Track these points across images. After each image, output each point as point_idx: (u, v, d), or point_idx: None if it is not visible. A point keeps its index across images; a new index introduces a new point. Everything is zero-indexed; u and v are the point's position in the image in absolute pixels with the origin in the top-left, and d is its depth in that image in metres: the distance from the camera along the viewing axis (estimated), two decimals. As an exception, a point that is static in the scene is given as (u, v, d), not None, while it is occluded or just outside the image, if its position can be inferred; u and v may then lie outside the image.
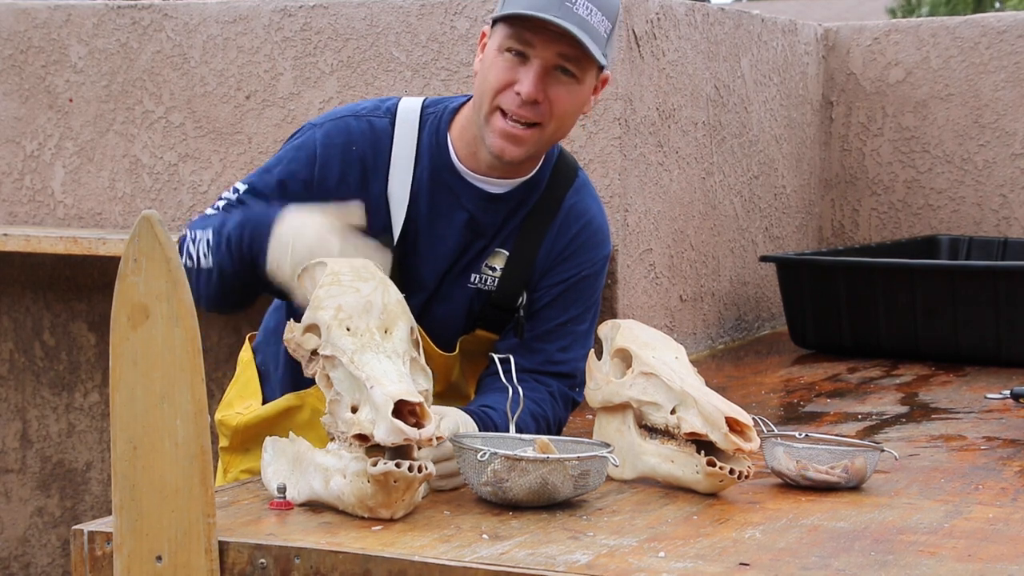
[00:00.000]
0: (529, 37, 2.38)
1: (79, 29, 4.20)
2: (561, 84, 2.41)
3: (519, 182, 2.55)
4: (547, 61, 2.39)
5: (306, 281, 2.25)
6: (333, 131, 2.53)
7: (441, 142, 2.54)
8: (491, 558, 1.90)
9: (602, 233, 2.64)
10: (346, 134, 2.53)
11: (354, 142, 2.52)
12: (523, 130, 2.43)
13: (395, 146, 2.53)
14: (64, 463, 4.36)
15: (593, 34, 2.38)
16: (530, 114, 2.42)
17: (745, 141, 4.25)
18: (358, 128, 2.53)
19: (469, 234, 2.55)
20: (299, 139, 2.56)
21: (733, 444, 2.22)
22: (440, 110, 2.56)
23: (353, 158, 2.52)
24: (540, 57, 2.39)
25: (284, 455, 2.18)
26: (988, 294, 3.69)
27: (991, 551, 1.98)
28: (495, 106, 2.43)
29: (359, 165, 2.52)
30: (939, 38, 4.68)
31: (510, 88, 2.41)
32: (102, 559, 2.02)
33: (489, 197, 2.54)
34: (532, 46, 2.39)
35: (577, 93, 2.44)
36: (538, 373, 2.55)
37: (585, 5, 2.38)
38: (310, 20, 3.90)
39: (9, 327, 4.37)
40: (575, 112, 2.47)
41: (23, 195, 4.30)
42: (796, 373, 3.67)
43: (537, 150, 2.49)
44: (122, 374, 1.99)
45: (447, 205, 2.53)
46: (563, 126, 2.48)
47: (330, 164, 2.51)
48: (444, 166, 2.53)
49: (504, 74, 2.41)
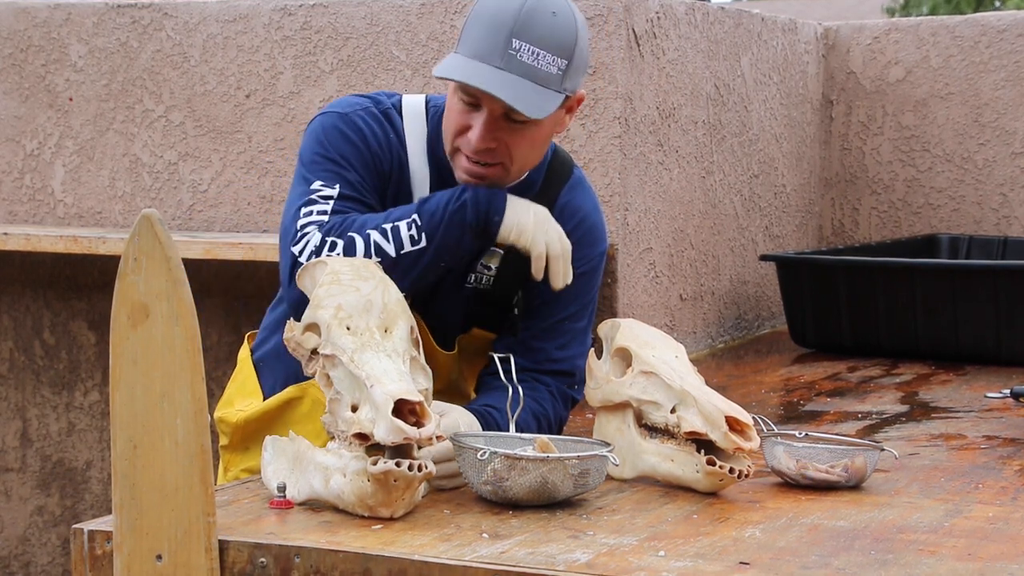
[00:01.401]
0: (474, 90, 2.37)
1: (79, 28, 4.20)
2: (513, 130, 2.41)
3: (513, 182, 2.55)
4: (495, 112, 2.38)
5: (306, 280, 2.26)
6: (368, 117, 2.52)
7: (440, 140, 2.54)
8: (491, 557, 1.90)
9: (597, 230, 2.64)
10: (380, 123, 2.52)
11: (387, 131, 2.53)
12: (484, 168, 2.44)
13: (408, 140, 2.54)
14: (64, 462, 4.36)
15: (541, 78, 2.36)
16: (487, 158, 2.43)
17: (745, 140, 4.25)
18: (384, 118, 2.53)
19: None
20: (339, 126, 2.52)
21: (733, 443, 2.22)
22: (441, 106, 2.57)
23: (393, 146, 2.52)
24: (488, 108, 2.39)
25: (284, 454, 2.18)
26: (988, 293, 3.69)
27: (991, 550, 1.98)
28: (455, 147, 2.45)
29: (393, 155, 2.52)
30: (939, 37, 4.68)
31: (465, 134, 2.42)
32: (102, 558, 2.02)
33: None
34: (478, 99, 2.38)
35: (534, 133, 2.43)
36: (537, 372, 2.55)
37: (530, 50, 2.35)
38: (310, 19, 3.90)
39: (9, 326, 4.37)
40: (538, 146, 2.47)
41: (23, 194, 4.30)
42: (796, 372, 3.67)
43: (505, 180, 2.49)
44: (122, 373, 1.99)
45: None
46: (528, 159, 2.48)
47: (380, 150, 2.51)
48: (444, 163, 2.53)
49: (459, 118, 2.42)
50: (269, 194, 3.99)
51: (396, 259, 2.38)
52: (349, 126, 2.51)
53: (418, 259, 2.40)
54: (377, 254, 2.37)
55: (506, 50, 2.35)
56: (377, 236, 2.39)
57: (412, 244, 2.39)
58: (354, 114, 2.53)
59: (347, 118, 2.52)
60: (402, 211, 2.42)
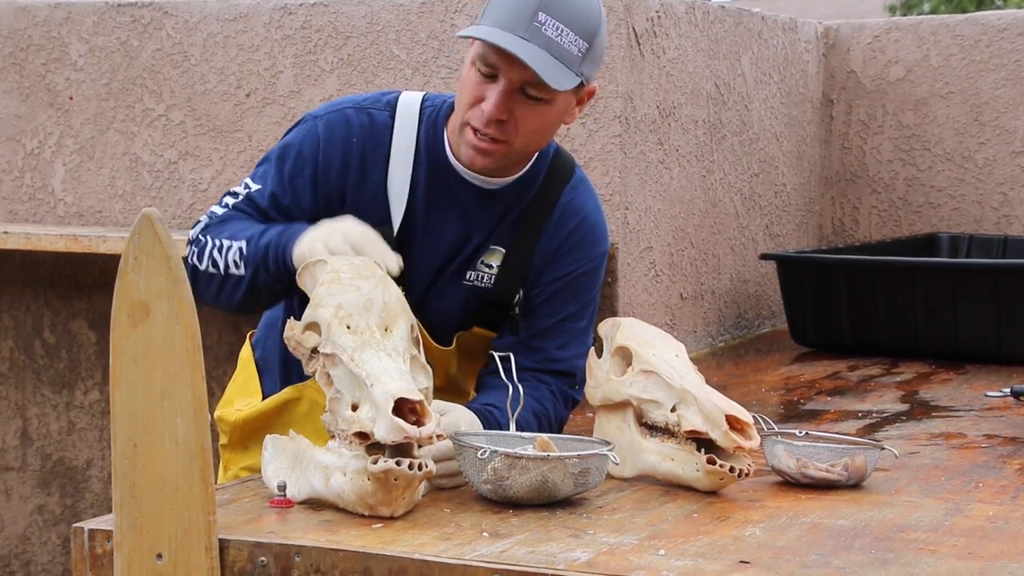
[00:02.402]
0: (494, 59, 2.38)
1: (79, 27, 4.20)
2: (527, 105, 2.41)
3: (512, 179, 2.55)
4: (512, 83, 2.39)
5: (306, 279, 2.26)
6: (334, 122, 2.55)
7: (438, 137, 2.54)
8: (491, 556, 1.90)
9: (599, 230, 2.64)
10: (346, 125, 2.54)
11: (354, 133, 2.54)
12: (490, 144, 2.44)
13: (395, 139, 2.54)
14: (64, 461, 4.36)
15: (562, 55, 2.37)
16: (495, 132, 2.42)
17: (745, 139, 4.25)
18: (357, 120, 2.55)
19: (464, 230, 2.55)
20: (301, 131, 2.58)
21: (733, 442, 2.22)
22: (438, 105, 2.57)
23: (353, 149, 2.53)
24: (506, 78, 2.39)
25: (284, 453, 2.18)
26: (988, 292, 3.69)
27: (991, 549, 1.98)
28: (465, 120, 2.45)
29: (359, 156, 2.53)
30: (939, 36, 4.68)
31: (479, 104, 2.42)
32: (102, 557, 2.02)
33: (483, 194, 2.55)
34: (497, 68, 2.39)
35: (546, 113, 2.43)
36: (537, 371, 2.55)
37: (555, 25, 2.36)
38: (310, 18, 3.90)
39: (9, 325, 4.37)
40: (546, 129, 2.48)
41: (23, 193, 4.30)
42: (796, 371, 3.67)
43: (509, 162, 2.50)
44: (122, 372, 1.99)
45: (443, 200, 2.54)
46: (533, 142, 2.49)
47: (332, 155, 2.53)
48: (440, 162, 2.54)
49: (474, 89, 2.43)
50: (269, 193, 3.99)
51: (221, 277, 2.47)
52: (310, 132, 2.55)
53: (238, 283, 2.46)
54: (212, 264, 2.47)
55: (532, 21, 2.36)
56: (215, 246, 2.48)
57: (235, 268, 2.46)
58: (326, 116, 2.56)
59: (315, 122, 2.56)
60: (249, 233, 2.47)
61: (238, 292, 2.47)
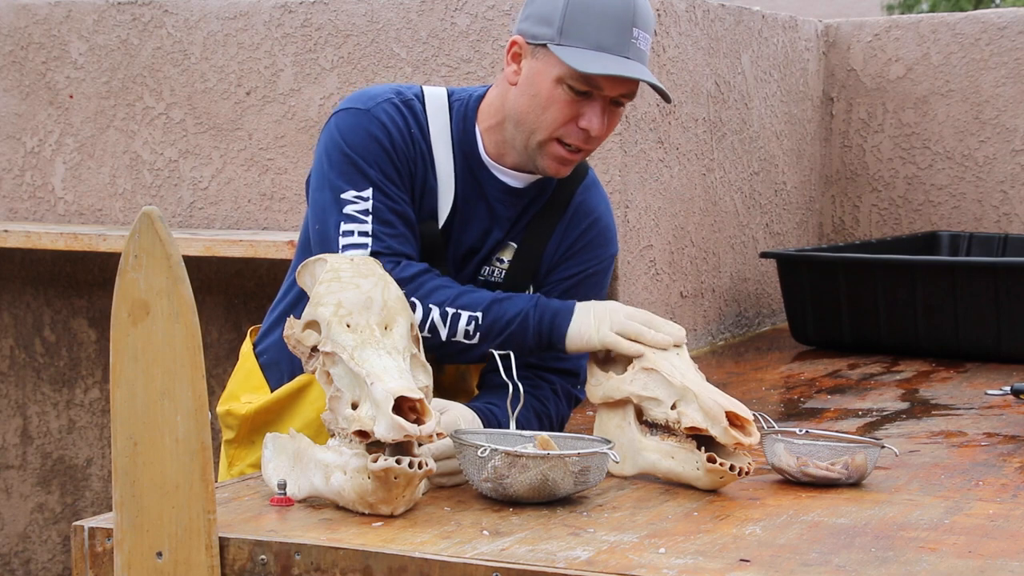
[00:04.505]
0: (599, 81, 2.41)
1: (79, 25, 4.20)
2: (614, 112, 2.47)
3: (536, 177, 2.56)
4: (609, 98, 2.45)
5: (306, 278, 2.26)
6: (392, 112, 2.51)
7: (469, 131, 2.54)
8: (491, 554, 1.90)
9: (610, 231, 2.66)
10: (401, 115, 2.51)
11: (411, 124, 2.51)
12: (576, 154, 2.49)
13: (432, 132, 2.53)
14: (64, 459, 4.36)
15: (647, 60, 2.45)
16: (591, 146, 2.48)
17: (745, 137, 4.25)
18: (408, 110, 2.52)
19: (487, 225, 2.55)
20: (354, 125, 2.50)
21: (733, 438, 2.21)
22: (465, 99, 2.56)
23: (414, 139, 2.51)
24: (607, 96, 2.44)
25: (284, 451, 2.18)
26: (988, 290, 3.69)
27: (991, 547, 1.98)
28: (555, 137, 2.46)
29: (416, 146, 2.52)
30: (939, 34, 4.68)
31: (573, 122, 2.44)
32: (102, 555, 2.02)
33: (509, 190, 2.55)
34: (600, 88, 2.42)
35: (622, 114, 2.53)
36: (541, 370, 2.56)
37: (643, 37, 2.43)
38: (310, 16, 3.90)
39: (9, 323, 4.37)
40: None
41: (23, 191, 4.30)
42: (796, 369, 3.67)
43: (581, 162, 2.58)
44: (122, 370, 1.99)
45: (473, 195, 2.54)
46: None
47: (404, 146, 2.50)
48: (472, 156, 2.54)
49: (567, 109, 2.44)
50: (269, 191, 3.99)
51: (444, 342, 2.43)
52: (372, 122, 2.49)
53: (465, 350, 2.44)
54: (430, 331, 2.42)
55: (629, 39, 2.41)
56: (437, 315, 2.42)
57: (466, 338, 2.43)
58: (377, 108, 2.50)
59: (368, 115, 2.50)
60: (472, 299, 2.43)
61: (466, 356, 2.46)
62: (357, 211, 2.45)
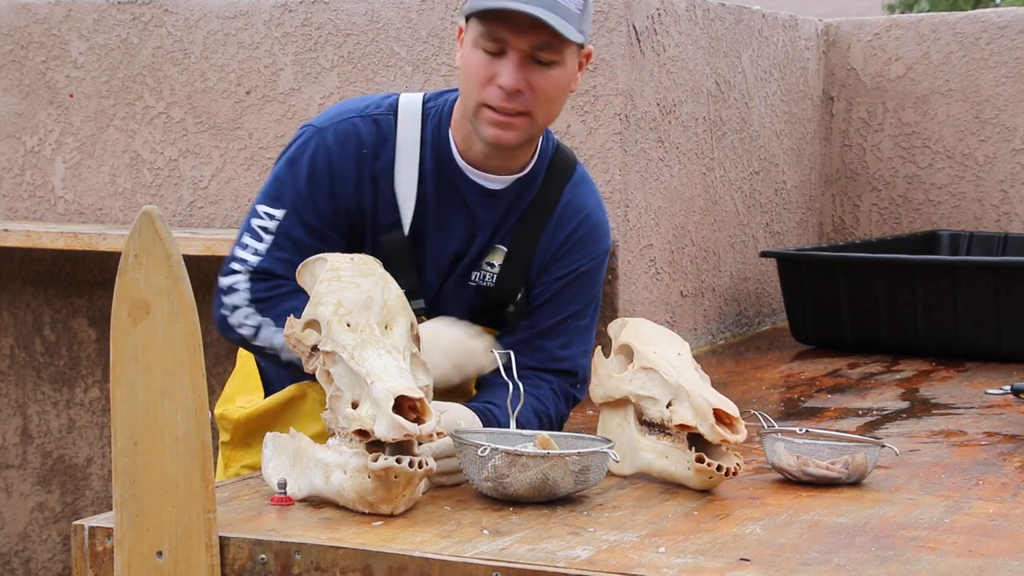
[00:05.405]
0: (500, 31, 2.38)
1: (79, 24, 4.20)
2: (540, 71, 2.42)
3: (515, 178, 2.55)
4: (522, 52, 2.40)
5: (306, 277, 2.25)
6: (343, 133, 2.52)
7: (443, 136, 2.54)
8: (491, 553, 1.90)
9: (601, 228, 2.64)
10: (356, 136, 2.52)
11: (364, 144, 2.51)
12: (512, 118, 2.43)
13: (399, 142, 2.53)
14: (64, 459, 4.36)
15: (564, 13, 2.38)
16: (515, 105, 2.42)
17: (746, 137, 4.25)
18: (365, 128, 2.53)
19: (470, 230, 2.55)
20: (307, 145, 2.53)
21: (719, 435, 2.21)
22: (440, 104, 2.57)
23: (366, 160, 2.51)
24: (515, 49, 2.39)
25: (284, 451, 2.18)
26: (988, 290, 3.69)
27: (991, 546, 1.98)
28: (480, 102, 2.43)
29: (370, 166, 2.51)
30: (939, 34, 4.68)
31: (491, 83, 2.42)
32: (103, 555, 2.02)
33: (487, 192, 2.54)
34: (505, 40, 2.39)
35: (559, 76, 2.44)
36: (539, 370, 2.55)
37: None
38: (311, 15, 3.90)
39: (9, 323, 4.37)
40: (561, 94, 2.48)
41: (23, 190, 4.30)
42: (797, 369, 3.67)
43: (531, 135, 2.49)
44: (122, 370, 1.99)
45: (450, 200, 2.53)
46: (552, 110, 2.48)
47: (345, 168, 2.51)
48: (446, 161, 2.53)
49: (483, 69, 2.42)
50: (269, 191, 3.99)
51: (283, 362, 2.48)
52: (318, 146, 2.51)
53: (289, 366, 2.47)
54: (270, 347, 2.47)
55: None
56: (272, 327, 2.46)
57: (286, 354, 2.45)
58: (329, 129, 2.53)
59: (318, 135, 2.53)
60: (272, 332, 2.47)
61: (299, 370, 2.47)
62: (261, 227, 2.51)
